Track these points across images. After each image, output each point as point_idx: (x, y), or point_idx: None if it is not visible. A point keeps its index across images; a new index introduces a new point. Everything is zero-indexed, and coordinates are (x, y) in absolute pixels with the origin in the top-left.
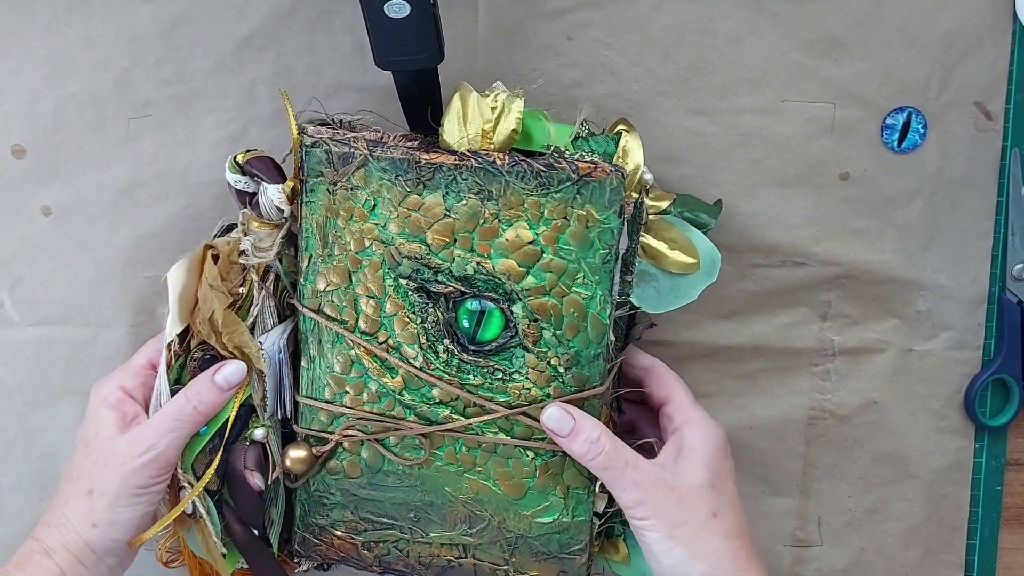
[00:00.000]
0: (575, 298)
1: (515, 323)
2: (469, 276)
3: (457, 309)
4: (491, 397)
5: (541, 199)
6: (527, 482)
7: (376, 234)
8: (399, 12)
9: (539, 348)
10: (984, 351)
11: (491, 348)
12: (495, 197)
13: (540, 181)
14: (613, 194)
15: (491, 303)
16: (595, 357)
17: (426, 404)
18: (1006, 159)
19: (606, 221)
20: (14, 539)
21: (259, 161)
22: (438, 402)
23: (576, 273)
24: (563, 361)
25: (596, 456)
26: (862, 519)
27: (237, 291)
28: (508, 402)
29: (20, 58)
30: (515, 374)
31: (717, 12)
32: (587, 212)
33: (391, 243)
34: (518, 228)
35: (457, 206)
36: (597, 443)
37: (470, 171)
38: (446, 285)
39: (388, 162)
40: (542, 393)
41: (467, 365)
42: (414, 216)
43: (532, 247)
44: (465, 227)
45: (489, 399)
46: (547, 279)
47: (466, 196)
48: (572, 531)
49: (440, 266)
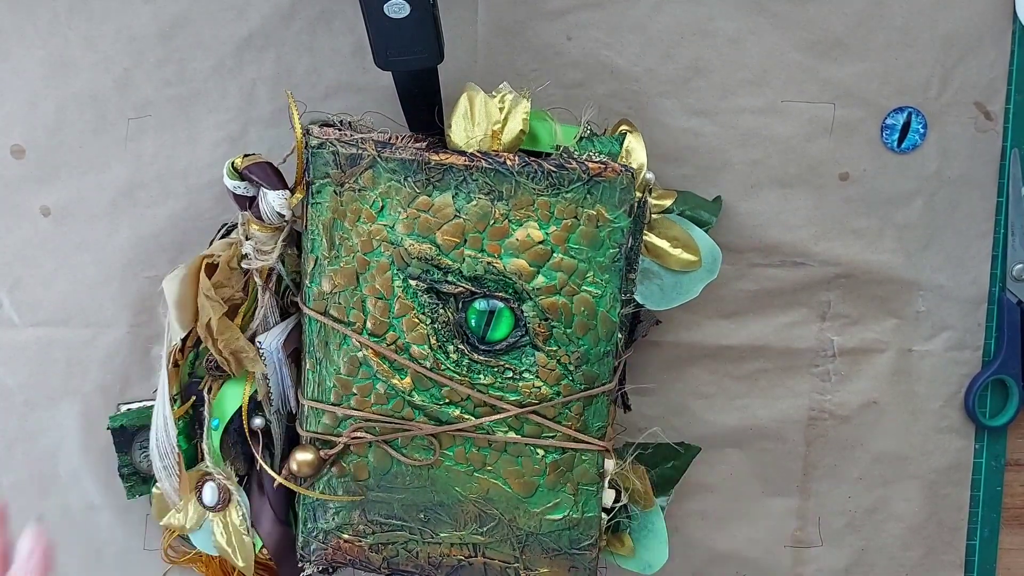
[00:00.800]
0: (585, 297)
1: (525, 322)
2: (479, 276)
3: (467, 309)
4: (501, 396)
5: (551, 199)
6: (537, 480)
7: (384, 235)
8: (399, 12)
9: (549, 347)
10: (984, 351)
11: (501, 347)
12: (505, 197)
13: (551, 181)
14: (623, 194)
15: (501, 303)
16: (604, 355)
17: (436, 404)
18: (1006, 159)
19: (616, 220)
20: (14, 539)
21: (258, 167)
22: (448, 402)
23: (586, 272)
24: (573, 359)
25: None
26: (862, 519)
27: (238, 295)
28: (519, 401)
29: (20, 58)
30: (525, 373)
31: (717, 12)
32: (598, 212)
33: (400, 244)
34: (528, 228)
35: (467, 207)
36: None
37: (480, 172)
38: (456, 285)
39: (397, 163)
40: (552, 391)
41: (477, 365)
42: (424, 217)
43: (542, 247)
44: (475, 227)
45: (499, 398)
46: (558, 278)
47: (476, 197)
48: (582, 527)
49: (450, 267)
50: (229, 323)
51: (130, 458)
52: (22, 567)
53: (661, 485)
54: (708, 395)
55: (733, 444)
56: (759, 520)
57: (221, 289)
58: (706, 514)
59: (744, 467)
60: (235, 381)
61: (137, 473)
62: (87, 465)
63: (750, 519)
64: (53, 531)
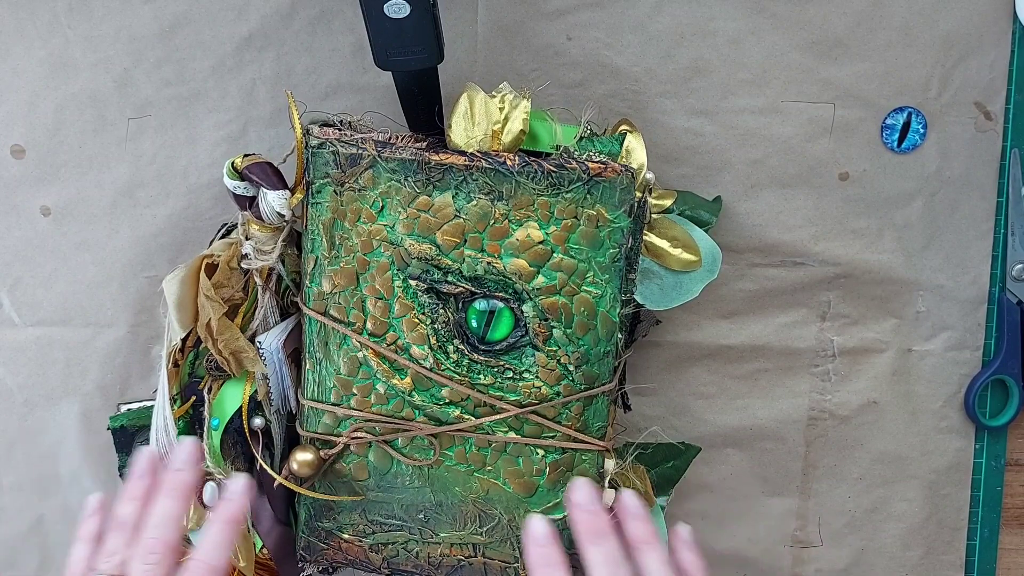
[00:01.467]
0: (585, 297)
1: (525, 322)
2: (479, 276)
3: (467, 309)
4: (501, 396)
5: (551, 199)
6: (537, 480)
7: (385, 235)
8: (399, 12)
9: (549, 347)
10: (984, 351)
11: (501, 348)
12: (505, 198)
13: (551, 181)
14: (624, 194)
15: (501, 303)
16: (605, 355)
17: (436, 404)
18: (1006, 159)
19: (617, 220)
20: (14, 539)
21: (258, 167)
22: (448, 402)
23: (586, 272)
24: (573, 359)
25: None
26: (862, 519)
27: (238, 295)
28: (519, 401)
29: (20, 58)
30: (525, 373)
31: (717, 12)
32: (598, 212)
33: (400, 244)
34: (528, 228)
35: (467, 207)
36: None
37: (481, 172)
38: (456, 286)
39: (397, 163)
40: (552, 391)
41: (477, 365)
42: (424, 217)
43: (543, 247)
44: (475, 228)
45: (500, 398)
46: (558, 278)
47: (476, 197)
48: None
49: (450, 267)
50: (229, 323)
51: (130, 458)
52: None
53: (661, 485)
54: (708, 395)
55: (733, 444)
56: (759, 520)
57: (221, 289)
58: (706, 514)
59: (744, 467)
60: (235, 381)
61: None
62: (87, 465)
63: (750, 519)
64: (54, 531)
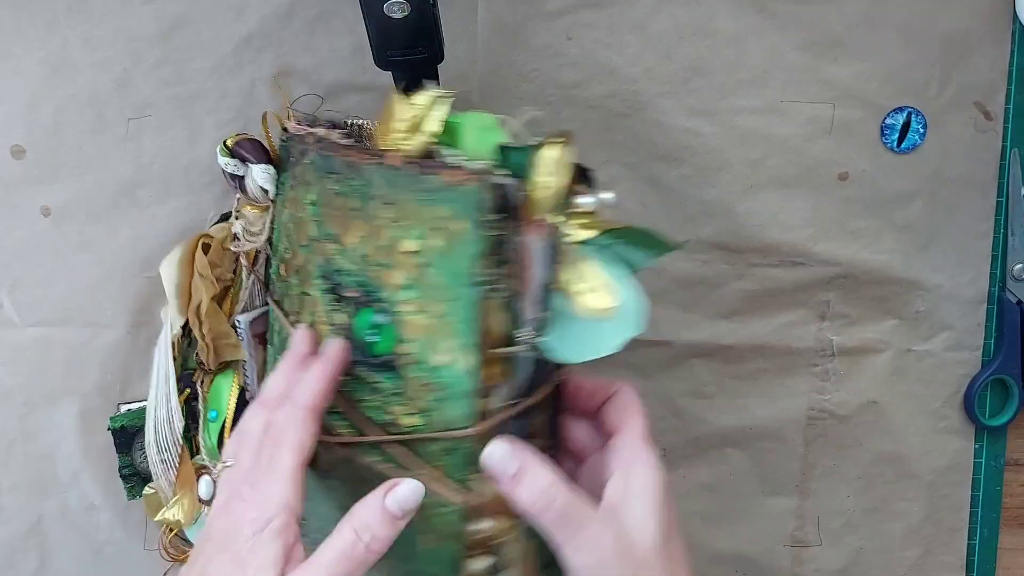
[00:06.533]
0: (441, 323)
1: (399, 340)
2: (364, 283)
3: (356, 315)
4: (371, 418)
5: (424, 207)
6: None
7: (310, 230)
8: (399, 12)
9: (411, 373)
10: (984, 351)
11: (378, 363)
12: (394, 202)
13: (424, 186)
14: (476, 206)
15: (383, 315)
16: (462, 394)
17: (331, 413)
18: (1006, 159)
19: (466, 236)
20: (14, 539)
21: (247, 142)
22: (333, 411)
23: (446, 294)
24: (432, 392)
25: (546, 509)
26: (861, 519)
27: (228, 275)
28: (384, 426)
29: (20, 58)
30: (392, 396)
31: (717, 12)
32: (453, 225)
33: (318, 240)
34: (406, 237)
35: (366, 207)
36: (547, 492)
37: (381, 172)
38: (349, 289)
39: (320, 159)
40: (420, 422)
41: (355, 379)
42: (334, 215)
43: (415, 258)
44: (369, 231)
45: (368, 420)
46: (418, 296)
47: (373, 198)
48: None
49: (345, 268)
50: (217, 308)
51: (130, 458)
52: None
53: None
54: (708, 395)
55: (733, 444)
56: (758, 520)
57: (214, 269)
58: (705, 514)
59: (743, 467)
60: (229, 372)
61: (137, 473)
62: (87, 465)
63: (750, 519)
64: (53, 531)
